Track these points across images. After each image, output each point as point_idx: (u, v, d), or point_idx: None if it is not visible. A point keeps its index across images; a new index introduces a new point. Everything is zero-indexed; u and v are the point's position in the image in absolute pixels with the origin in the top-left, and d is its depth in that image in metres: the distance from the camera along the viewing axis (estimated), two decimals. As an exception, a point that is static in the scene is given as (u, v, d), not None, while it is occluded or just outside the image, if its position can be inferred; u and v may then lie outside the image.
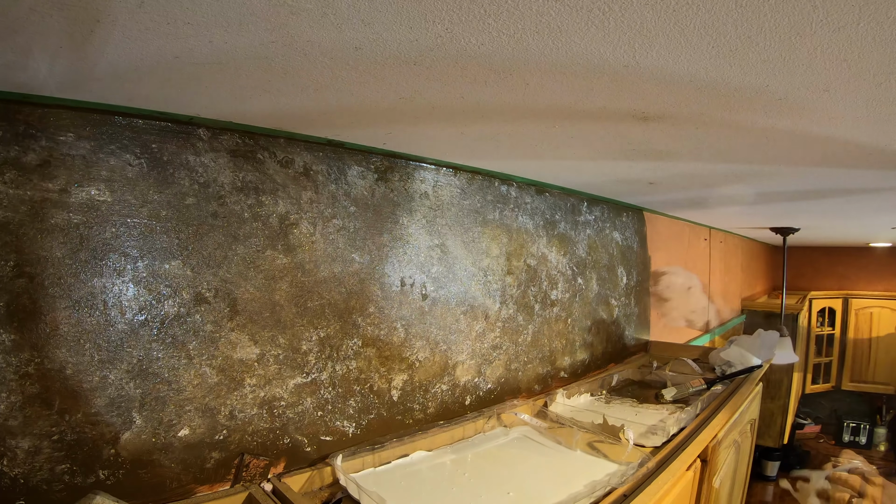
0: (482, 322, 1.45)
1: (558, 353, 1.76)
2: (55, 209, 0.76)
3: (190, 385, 0.89)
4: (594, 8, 0.52)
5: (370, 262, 1.16)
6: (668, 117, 0.89)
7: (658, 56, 0.63)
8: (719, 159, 1.24)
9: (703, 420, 1.34)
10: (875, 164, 1.24)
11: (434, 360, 1.31)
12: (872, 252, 5.15)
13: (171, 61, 0.65)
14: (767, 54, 0.62)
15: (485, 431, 1.33)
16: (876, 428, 5.13)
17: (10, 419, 0.72)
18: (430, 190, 1.30)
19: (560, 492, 1.00)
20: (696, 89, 0.75)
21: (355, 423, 1.14)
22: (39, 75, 0.67)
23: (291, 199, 1.02)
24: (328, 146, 1.08)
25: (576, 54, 0.63)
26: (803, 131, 0.96)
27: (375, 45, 0.61)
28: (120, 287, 0.81)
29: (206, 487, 0.91)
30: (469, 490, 1.03)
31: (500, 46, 0.61)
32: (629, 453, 1.12)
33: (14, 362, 0.72)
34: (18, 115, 0.73)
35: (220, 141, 0.93)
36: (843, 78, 0.69)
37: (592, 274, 1.95)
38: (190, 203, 0.89)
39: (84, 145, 0.78)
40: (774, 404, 2.98)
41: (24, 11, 0.51)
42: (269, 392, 0.99)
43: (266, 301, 0.98)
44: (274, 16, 0.54)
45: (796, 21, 0.53)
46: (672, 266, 2.12)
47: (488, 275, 1.46)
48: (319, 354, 1.07)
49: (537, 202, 1.66)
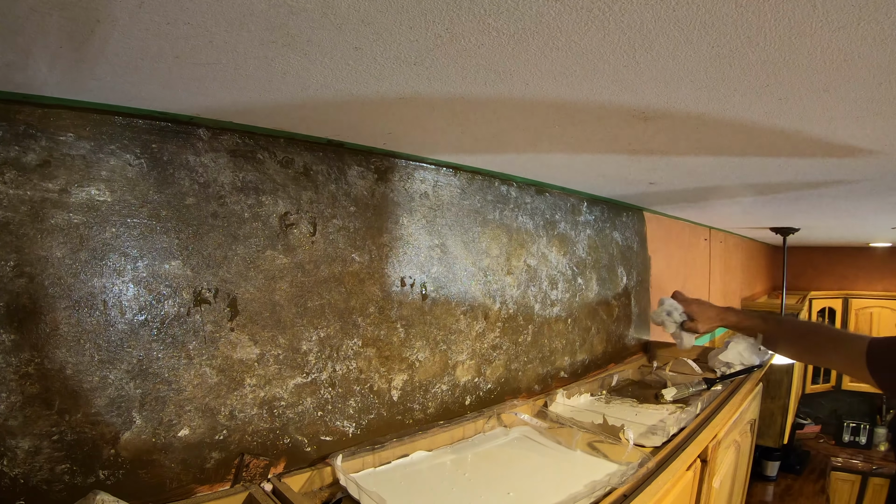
0: (482, 322, 1.45)
1: (558, 353, 1.76)
2: (55, 209, 0.76)
3: (190, 385, 0.89)
4: (594, 8, 0.52)
5: (370, 262, 1.16)
6: (668, 117, 0.89)
7: (658, 56, 0.63)
8: (719, 159, 1.24)
9: (703, 420, 1.34)
10: (875, 164, 1.24)
11: (434, 360, 1.31)
12: (872, 252, 5.15)
13: (171, 61, 0.65)
14: (767, 54, 0.62)
15: (485, 431, 1.33)
16: (876, 428, 5.14)
17: (10, 419, 0.72)
18: (430, 190, 1.30)
19: (560, 492, 1.00)
20: (696, 89, 0.75)
21: (355, 423, 1.14)
22: (39, 75, 0.67)
23: (291, 199, 1.02)
24: (328, 146, 1.08)
25: (576, 54, 0.63)
26: (803, 131, 0.96)
27: (375, 45, 0.61)
28: (120, 287, 0.81)
29: (206, 487, 0.91)
30: (469, 490, 1.03)
31: (500, 46, 0.61)
32: (629, 453, 1.12)
33: (14, 362, 0.72)
34: (18, 115, 0.73)
35: (220, 141, 0.93)
36: (843, 78, 0.69)
37: (592, 274, 1.95)
38: (190, 203, 0.89)
39: (84, 145, 0.78)
40: (774, 404, 2.98)
41: (24, 11, 0.51)
42: (269, 392, 0.99)
43: (266, 301, 0.98)
44: (274, 16, 0.54)
45: (796, 21, 0.53)
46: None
47: (488, 275, 1.46)
48: (319, 354, 1.07)
49: (537, 202, 1.66)
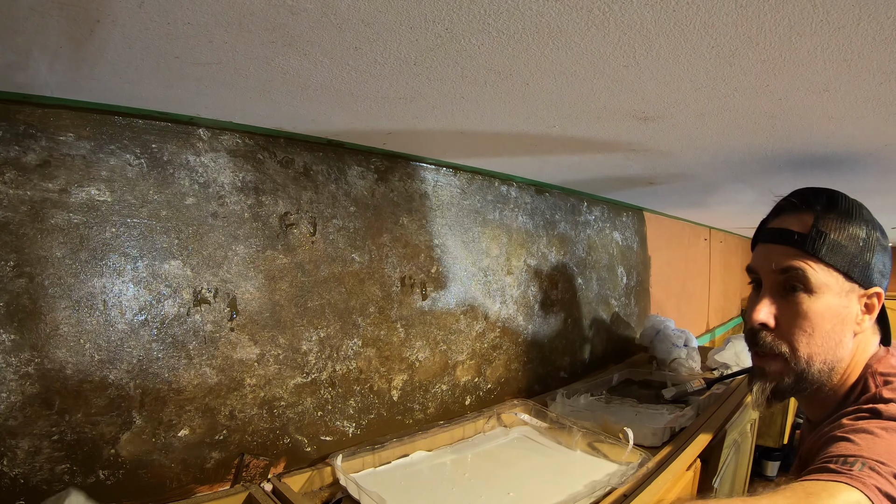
0: (482, 322, 1.45)
1: (558, 353, 1.76)
2: (55, 209, 0.76)
3: (190, 385, 0.89)
4: (594, 8, 0.52)
5: (370, 262, 1.16)
6: (668, 117, 0.89)
7: (658, 56, 0.63)
8: (719, 159, 1.24)
9: (703, 420, 1.34)
10: (875, 164, 1.24)
11: (434, 360, 1.31)
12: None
13: (171, 61, 0.65)
14: (767, 54, 0.62)
15: (485, 431, 1.33)
16: (876, 428, 5.12)
17: (10, 419, 0.72)
18: (430, 190, 1.30)
19: (560, 492, 0.99)
20: (696, 89, 0.75)
21: (355, 423, 1.14)
22: (39, 75, 0.67)
23: (291, 199, 1.02)
24: (328, 146, 1.08)
25: (576, 54, 0.63)
26: (803, 131, 0.96)
27: (375, 45, 0.61)
28: (120, 287, 0.81)
29: (206, 487, 0.91)
30: (469, 490, 1.03)
31: (500, 46, 0.61)
32: (629, 453, 1.12)
33: (14, 362, 0.72)
34: (18, 115, 0.73)
35: (220, 141, 0.93)
36: (843, 78, 0.69)
37: (592, 274, 1.95)
38: (190, 203, 0.89)
39: (84, 145, 0.78)
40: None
41: (24, 11, 0.51)
42: (269, 392, 0.99)
43: (266, 301, 0.98)
44: (274, 16, 0.54)
45: (796, 21, 0.53)
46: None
47: (488, 275, 1.46)
48: (319, 354, 1.07)
49: (537, 202, 1.66)
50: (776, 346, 0.72)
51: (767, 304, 0.73)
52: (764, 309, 0.73)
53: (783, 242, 0.73)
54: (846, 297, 0.70)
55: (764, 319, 0.72)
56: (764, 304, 0.73)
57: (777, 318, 0.73)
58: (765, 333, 0.73)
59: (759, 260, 0.77)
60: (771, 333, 0.73)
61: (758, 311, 0.73)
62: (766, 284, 0.74)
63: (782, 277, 0.72)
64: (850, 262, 0.70)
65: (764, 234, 0.78)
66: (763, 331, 0.73)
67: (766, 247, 0.76)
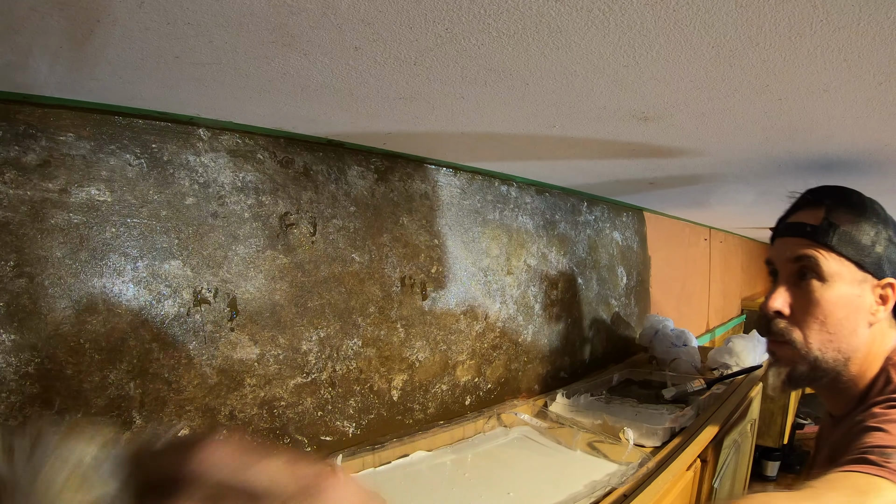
0: (482, 322, 1.45)
1: (558, 353, 1.76)
2: (55, 209, 0.76)
3: (190, 385, 0.89)
4: (594, 8, 0.52)
5: (370, 262, 1.16)
6: (668, 117, 0.89)
7: (658, 56, 0.63)
8: (720, 159, 1.24)
9: (703, 420, 1.34)
10: (875, 164, 1.24)
11: (434, 360, 1.31)
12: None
13: (171, 61, 0.65)
14: (767, 54, 0.62)
15: (485, 431, 1.33)
16: (876, 428, 5.12)
17: (10, 419, 0.72)
18: (429, 190, 1.30)
19: (560, 492, 1.00)
20: (696, 89, 0.75)
21: (355, 423, 1.14)
22: (39, 75, 0.67)
23: (291, 199, 1.02)
24: (328, 146, 1.08)
25: (576, 54, 0.63)
26: (803, 131, 0.96)
27: (375, 45, 0.61)
28: (120, 287, 0.81)
29: (206, 487, 0.91)
30: (469, 490, 1.03)
31: (500, 46, 0.61)
32: (629, 453, 1.12)
33: (14, 362, 0.72)
34: (18, 115, 0.73)
35: (220, 141, 0.93)
36: (843, 78, 0.69)
37: (592, 274, 1.95)
38: (190, 203, 0.89)
39: (84, 145, 0.78)
40: (774, 404, 2.97)
41: (24, 11, 0.51)
42: (269, 392, 0.99)
43: (266, 301, 0.98)
44: (274, 16, 0.54)
45: (796, 21, 0.53)
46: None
47: (488, 275, 1.46)
48: (319, 354, 1.07)
49: (537, 202, 1.66)
50: (787, 333, 0.75)
51: (783, 293, 0.76)
52: (780, 298, 0.76)
53: (797, 235, 0.76)
54: (859, 286, 0.73)
55: (779, 307, 0.75)
56: (779, 293, 0.76)
57: (792, 306, 0.76)
58: (779, 321, 0.76)
59: (776, 252, 0.80)
60: (785, 320, 0.76)
61: (773, 300, 0.76)
62: (782, 275, 0.78)
63: (796, 266, 0.75)
64: (862, 252, 0.72)
65: (780, 228, 0.82)
66: (777, 318, 0.76)
67: (782, 240, 0.80)
